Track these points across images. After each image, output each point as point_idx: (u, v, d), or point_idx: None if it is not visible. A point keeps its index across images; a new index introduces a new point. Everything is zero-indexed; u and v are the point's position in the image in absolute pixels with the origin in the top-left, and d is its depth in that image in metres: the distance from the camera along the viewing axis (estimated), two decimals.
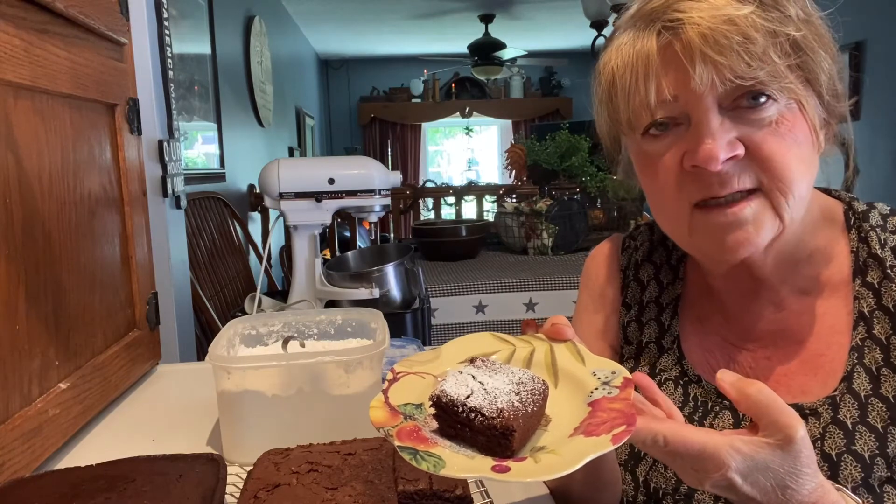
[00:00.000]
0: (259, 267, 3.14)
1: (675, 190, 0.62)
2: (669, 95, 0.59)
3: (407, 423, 0.51)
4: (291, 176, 1.52)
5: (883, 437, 0.59)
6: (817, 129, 0.61)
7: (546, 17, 6.11)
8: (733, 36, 0.56)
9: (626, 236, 0.84)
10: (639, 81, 0.61)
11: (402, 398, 0.54)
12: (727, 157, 0.58)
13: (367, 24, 6.25)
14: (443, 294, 2.68)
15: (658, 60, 0.60)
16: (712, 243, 0.63)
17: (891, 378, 0.61)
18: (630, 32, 0.63)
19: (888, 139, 3.30)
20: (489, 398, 0.49)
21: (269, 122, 4.50)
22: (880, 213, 0.68)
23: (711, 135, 0.58)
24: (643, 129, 0.63)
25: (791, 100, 0.59)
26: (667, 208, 0.65)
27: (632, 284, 0.80)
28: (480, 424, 0.48)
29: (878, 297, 0.64)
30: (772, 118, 0.58)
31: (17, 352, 0.72)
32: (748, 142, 0.58)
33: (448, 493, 0.58)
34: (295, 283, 1.58)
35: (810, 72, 0.60)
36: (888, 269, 0.64)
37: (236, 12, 3.91)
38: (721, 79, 0.57)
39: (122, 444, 0.84)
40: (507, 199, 4.10)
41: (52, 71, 0.81)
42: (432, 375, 0.57)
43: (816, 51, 0.59)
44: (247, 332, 0.90)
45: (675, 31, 0.58)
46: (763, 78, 0.56)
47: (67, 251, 0.84)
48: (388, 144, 8.20)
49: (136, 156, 1.08)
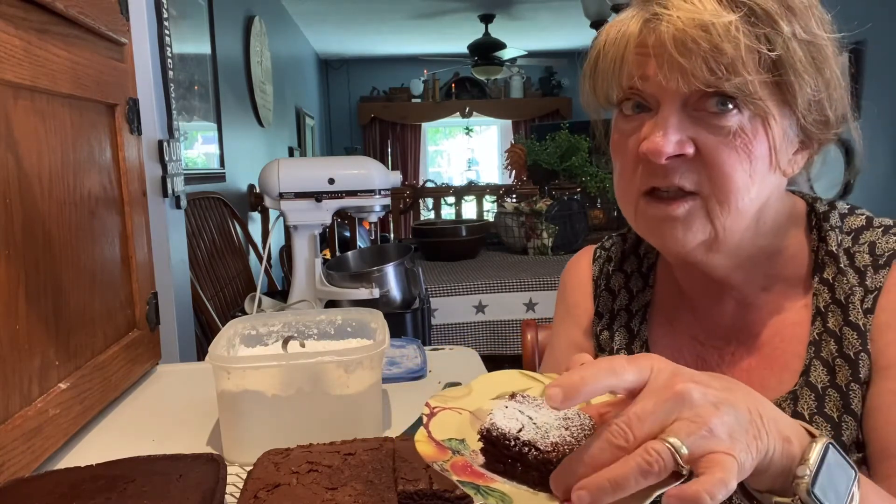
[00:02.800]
0: (259, 267, 3.14)
1: (630, 174, 0.64)
2: (637, 80, 0.60)
3: (457, 457, 0.50)
4: (291, 176, 1.52)
5: (838, 426, 0.62)
6: (777, 150, 0.60)
7: (546, 17, 6.11)
8: (701, 43, 0.55)
9: (597, 247, 0.86)
10: (616, 60, 0.62)
11: (443, 433, 0.53)
12: (673, 153, 0.58)
13: (367, 24, 6.25)
14: (443, 294, 2.68)
15: (633, 46, 0.61)
16: (650, 234, 0.66)
17: (843, 368, 0.63)
18: (629, 11, 0.63)
19: (888, 139, 3.30)
20: (541, 432, 0.48)
21: (269, 122, 4.50)
22: (839, 214, 0.69)
23: (664, 129, 0.58)
24: (617, 103, 0.64)
25: (757, 115, 0.58)
26: (621, 191, 0.67)
27: (603, 294, 0.82)
28: (535, 459, 0.46)
29: (832, 291, 0.66)
30: (731, 129, 0.58)
31: (17, 352, 0.72)
32: (701, 145, 0.59)
33: (448, 493, 0.59)
34: (295, 283, 1.58)
35: (789, 93, 0.58)
36: (841, 265, 0.66)
37: (236, 12, 3.91)
38: (685, 80, 0.57)
39: (122, 444, 0.84)
40: (507, 199, 4.11)
41: (52, 71, 0.81)
42: (467, 411, 0.57)
43: (801, 74, 0.57)
44: (247, 332, 0.90)
45: (656, 21, 0.59)
46: (727, 89, 0.56)
47: (67, 251, 0.84)
48: (388, 144, 8.20)
49: (136, 156, 1.08)
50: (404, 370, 1.06)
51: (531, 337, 1.23)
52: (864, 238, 0.67)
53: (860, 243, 0.66)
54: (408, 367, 1.07)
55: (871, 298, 0.63)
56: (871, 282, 0.64)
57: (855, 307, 0.64)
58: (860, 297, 0.64)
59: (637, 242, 0.82)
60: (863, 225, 0.68)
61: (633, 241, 0.82)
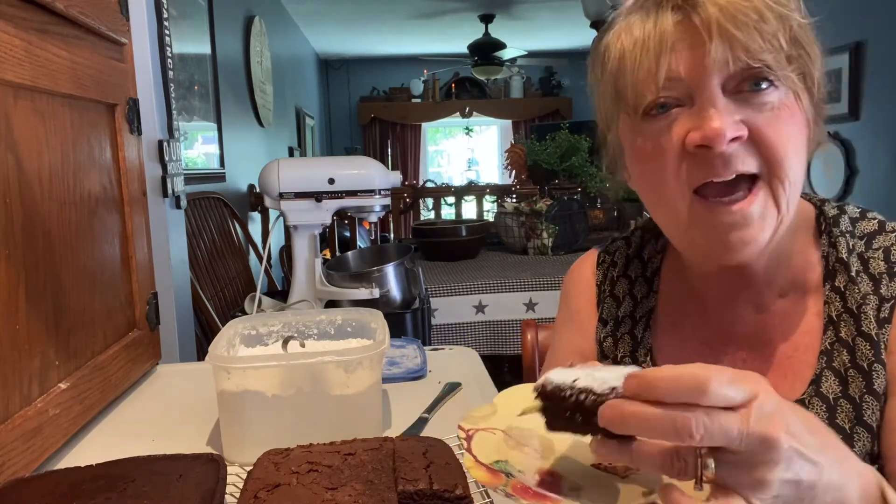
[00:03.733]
0: (259, 267, 3.13)
1: (674, 173, 0.61)
2: (681, 72, 0.59)
3: (512, 479, 0.50)
4: (291, 176, 1.52)
5: (850, 437, 0.61)
6: (812, 123, 0.62)
7: (546, 17, 6.10)
8: (750, 13, 0.56)
9: (601, 251, 0.85)
10: (649, 58, 0.60)
11: (487, 456, 0.53)
12: (733, 136, 0.57)
13: (367, 24, 6.25)
14: (443, 294, 2.68)
15: (673, 37, 0.59)
16: (712, 241, 0.61)
17: (857, 379, 0.62)
18: (638, 14, 0.62)
19: (888, 139, 3.29)
20: (598, 381, 0.46)
21: (269, 122, 4.50)
22: (850, 218, 0.68)
23: (719, 112, 0.57)
24: (644, 108, 0.62)
25: (790, 90, 0.59)
26: (665, 194, 0.63)
27: (607, 300, 0.81)
28: (592, 404, 0.45)
29: (843, 301, 0.65)
30: (773, 104, 0.58)
31: (17, 352, 0.72)
32: (751, 125, 0.58)
33: (448, 493, 0.58)
34: (295, 283, 1.58)
35: (805, 67, 0.60)
36: (851, 273, 0.65)
37: (236, 12, 3.91)
38: (734, 56, 0.57)
39: (122, 444, 0.84)
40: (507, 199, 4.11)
41: (52, 71, 0.81)
42: (500, 430, 0.57)
43: (812, 47, 0.60)
44: (247, 332, 0.90)
45: (693, 5, 0.58)
46: (770, 62, 0.57)
47: (67, 251, 0.84)
48: (388, 144, 8.20)
49: (136, 156, 1.08)
50: (404, 370, 1.06)
51: (531, 337, 1.23)
52: (877, 243, 0.66)
53: (874, 248, 0.66)
54: (408, 367, 1.07)
55: (887, 307, 0.62)
56: (887, 290, 0.63)
57: (867, 317, 0.63)
58: (875, 305, 0.63)
59: (641, 246, 0.81)
60: (875, 229, 0.67)
61: (637, 244, 0.81)
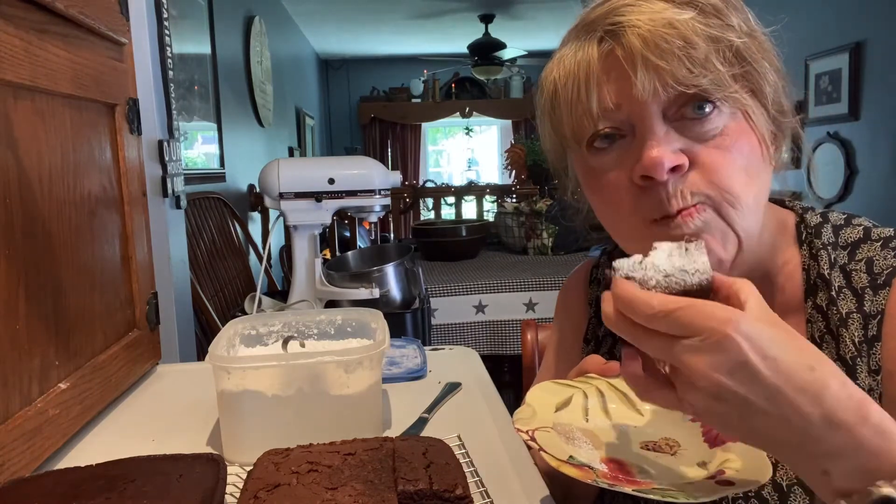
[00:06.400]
0: (259, 267, 3.13)
1: (630, 207, 0.60)
2: (612, 104, 0.58)
3: (599, 470, 0.55)
4: (291, 176, 1.52)
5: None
6: (767, 141, 0.59)
7: (546, 17, 6.10)
8: (674, 40, 0.54)
9: (593, 265, 0.85)
10: (580, 90, 0.59)
11: (561, 453, 0.57)
12: (672, 165, 0.56)
13: (367, 24, 6.25)
14: (443, 294, 2.68)
15: (599, 67, 0.58)
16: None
17: None
18: (573, 44, 0.61)
19: (888, 139, 3.29)
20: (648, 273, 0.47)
21: (269, 122, 4.50)
22: (833, 226, 0.66)
23: (657, 141, 0.56)
24: (587, 141, 0.61)
25: (737, 110, 0.57)
26: (623, 227, 0.62)
27: (593, 320, 0.82)
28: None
29: (826, 321, 0.63)
30: (716, 130, 0.57)
31: (17, 352, 0.72)
32: (691, 155, 0.57)
33: (448, 492, 0.58)
34: (295, 283, 1.58)
35: (755, 83, 0.58)
36: (832, 293, 0.63)
37: (236, 12, 3.91)
38: (663, 85, 0.55)
39: (122, 444, 0.84)
40: (507, 199, 4.11)
41: (52, 71, 0.81)
42: (549, 427, 0.62)
43: (760, 62, 0.58)
44: (247, 332, 0.90)
45: (616, 36, 0.57)
46: (706, 85, 0.55)
47: (67, 251, 0.84)
48: (388, 144, 8.20)
49: (136, 156, 1.08)
50: (404, 370, 1.06)
51: (531, 337, 1.23)
52: (861, 253, 0.64)
53: (857, 260, 0.63)
54: (408, 367, 1.07)
55: (874, 325, 0.60)
56: (871, 305, 0.61)
57: (844, 341, 0.61)
58: (859, 323, 0.61)
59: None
60: (860, 237, 0.65)
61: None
